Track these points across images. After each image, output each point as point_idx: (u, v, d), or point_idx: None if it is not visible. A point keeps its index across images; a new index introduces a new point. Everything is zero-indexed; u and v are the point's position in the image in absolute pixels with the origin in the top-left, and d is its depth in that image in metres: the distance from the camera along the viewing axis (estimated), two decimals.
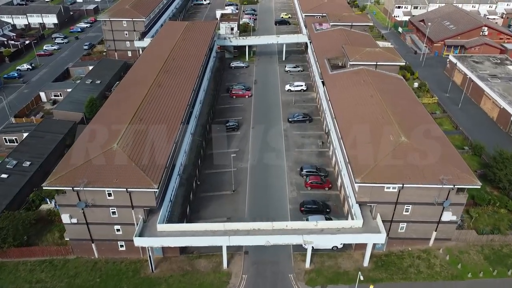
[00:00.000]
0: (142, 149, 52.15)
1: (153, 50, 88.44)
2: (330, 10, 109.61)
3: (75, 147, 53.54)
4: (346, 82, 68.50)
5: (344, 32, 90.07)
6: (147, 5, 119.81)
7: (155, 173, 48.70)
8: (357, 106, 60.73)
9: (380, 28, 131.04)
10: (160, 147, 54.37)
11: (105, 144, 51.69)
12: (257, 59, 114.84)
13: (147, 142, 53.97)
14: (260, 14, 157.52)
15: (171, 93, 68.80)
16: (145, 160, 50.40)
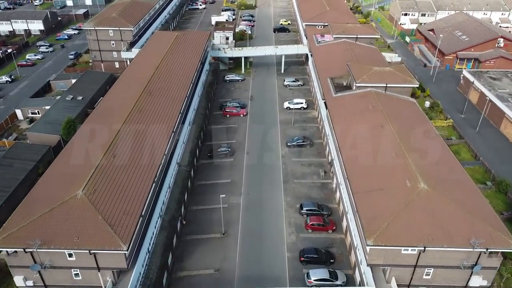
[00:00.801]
0: (113, 195, 44.12)
1: (138, 65, 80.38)
2: (333, 19, 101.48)
3: (34, 192, 45.51)
4: (352, 107, 60.40)
5: (348, 45, 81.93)
6: (136, 13, 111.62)
7: (126, 227, 40.63)
8: (365, 140, 52.63)
9: (385, 37, 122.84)
10: (136, 190, 46.35)
11: (69, 188, 43.67)
12: (254, 71, 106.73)
13: (120, 185, 45.97)
14: (258, 20, 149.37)
15: (154, 119, 60.75)
16: (116, 209, 42.37)
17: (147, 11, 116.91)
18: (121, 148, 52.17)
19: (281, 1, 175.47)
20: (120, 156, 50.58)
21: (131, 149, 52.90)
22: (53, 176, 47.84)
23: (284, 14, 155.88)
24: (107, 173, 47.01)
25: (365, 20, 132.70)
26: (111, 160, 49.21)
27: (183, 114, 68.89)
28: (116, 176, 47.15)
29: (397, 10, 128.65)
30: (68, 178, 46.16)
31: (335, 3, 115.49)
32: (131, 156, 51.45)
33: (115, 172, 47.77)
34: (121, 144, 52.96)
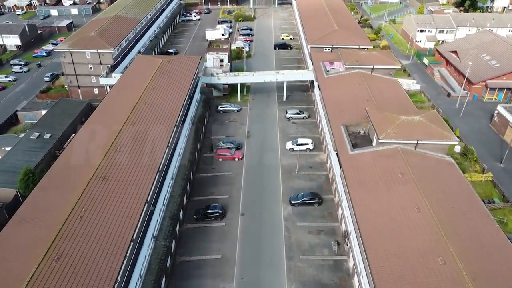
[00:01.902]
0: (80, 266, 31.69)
1: (112, 102, 67.45)
2: (342, 40, 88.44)
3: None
4: (374, 172, 47.31)
5: (363, 78, 68.93)
6: (118, 31, 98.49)
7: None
8: (396, 227, 39.57)
9: (400, 56, 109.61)
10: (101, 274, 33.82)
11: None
12: (252, 98, 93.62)
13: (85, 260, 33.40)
14: (257, 33, 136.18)
15: (124, 182, 47.81)
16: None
17: (132, 28, 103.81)
18: (81, 224, 39.35)
19: (281, 11, 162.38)
20: (86, 222, 38.07)
21: (95, 223, 40.17)
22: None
23: (285, 26, 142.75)
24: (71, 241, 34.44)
25: (375, 36, 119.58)
26: (76, 223, 36.74)
27: (164, 168, 55.93)
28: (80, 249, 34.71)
29: (411, 25, 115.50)
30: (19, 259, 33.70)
31: (343, 20, 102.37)
32: (96, 231, 38.81)
33: (80, 240, 35.46)
34: (85, 214, 40.25)
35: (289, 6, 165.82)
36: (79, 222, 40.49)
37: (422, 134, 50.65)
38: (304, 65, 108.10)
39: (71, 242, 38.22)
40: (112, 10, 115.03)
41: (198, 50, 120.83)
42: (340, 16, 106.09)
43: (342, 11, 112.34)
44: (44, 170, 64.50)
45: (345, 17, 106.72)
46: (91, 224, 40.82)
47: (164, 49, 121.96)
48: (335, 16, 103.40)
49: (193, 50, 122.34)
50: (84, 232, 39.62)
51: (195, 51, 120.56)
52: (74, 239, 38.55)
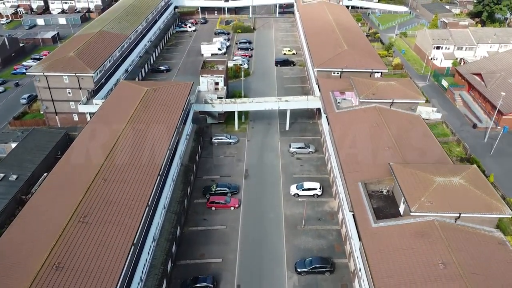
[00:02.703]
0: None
1: (88, 139, 57.01)
2: (352, 63, 78.19)
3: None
4: (406, 259, 36.85)
5: (381, 114, 58.54)
6: (101, 50, 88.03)
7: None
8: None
9: (414, 76, 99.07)
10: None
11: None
12: (251, 126, 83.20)
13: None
14: (257, 47, 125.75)
15: (101, 236, 37.73)
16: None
17: (118, 45, 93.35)
18: None
19: (283, 21, 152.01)
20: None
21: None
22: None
23: (287, 39, 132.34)
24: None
25: (386, 53, 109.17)
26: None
27: (141, 238, 45.51)
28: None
29: (426, 41, 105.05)
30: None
31: (352, 37, 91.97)
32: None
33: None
34: None
35: (291, 15, 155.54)
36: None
37: (465, 205, 40.07)
38: (308, 85, 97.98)
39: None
40: (98, 24, 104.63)
41: (192, 66, 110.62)
42: (349, 32, 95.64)
43: (350, 25, 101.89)
44: (7, 222, 54.84)
45: (354, 33, 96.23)
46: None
47: (155, 66, 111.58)
48: (343, 32, 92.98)
49: (186, 66, 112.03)
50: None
51: (189, 68, 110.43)
52: None
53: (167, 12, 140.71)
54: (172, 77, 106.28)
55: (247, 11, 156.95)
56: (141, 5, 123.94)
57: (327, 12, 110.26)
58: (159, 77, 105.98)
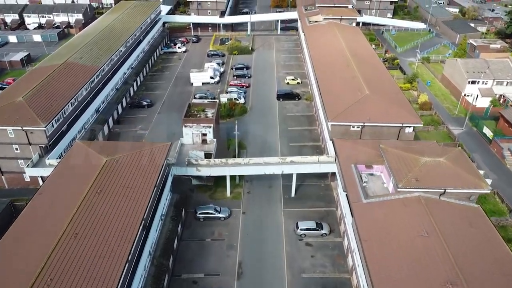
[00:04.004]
0: None
1: (35, 221, 39.89)
2: (377, 114, 61.16)
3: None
4: None
5: (429, 211, 41.18)
6: (62, 91, 70.79)
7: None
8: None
9: (446, 118, 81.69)
10: None
11: None
12: (247, 191, 66.02)
13: None
14: (256, 73, 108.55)
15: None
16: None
17: (86, 81, 76.16)
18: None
19: (285, 39, 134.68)
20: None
21: None
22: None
23: (290, 62, 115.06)
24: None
25: (409, 86, 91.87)
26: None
27: None
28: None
29: (458, 73, 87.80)
30: None
31: (373, 74, 74.76)
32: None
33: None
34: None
35: (294, 32, 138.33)
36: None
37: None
38: (318, 128, 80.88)
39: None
40: (66, 52, 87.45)
41: (179, 99, 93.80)
42: (367, 65, 78.44)
43: (367, 55, 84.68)
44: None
45: (373, 67, 78.97)
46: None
47: (135, 100, 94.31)
48: (361, 67, 75.77)
49: (172, 100, 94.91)
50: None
51: (175, 101, 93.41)
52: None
53: (154, 29, 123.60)
54: (155, 114, 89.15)
55: (245, 27, 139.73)
56: (122, 25, 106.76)
57: (339, 36, 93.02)
58: (139, 115, 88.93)
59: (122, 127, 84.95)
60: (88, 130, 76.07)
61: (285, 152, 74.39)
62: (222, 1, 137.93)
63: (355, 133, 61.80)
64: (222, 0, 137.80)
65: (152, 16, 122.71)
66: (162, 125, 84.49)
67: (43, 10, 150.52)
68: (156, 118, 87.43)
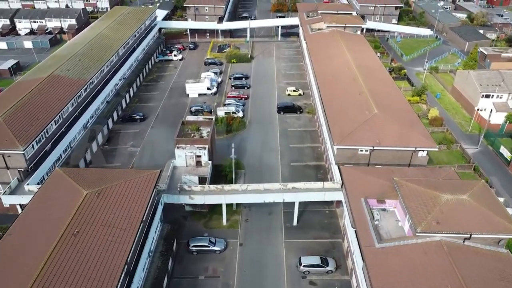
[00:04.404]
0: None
1: None
2: (387, 137, 55.84)
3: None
4: None
5: (452, 260, 35.86)
6: (45, 108, 65.44)
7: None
8: None
9: (458, 135, 76.30)
10: None
11: None
12: (245, 218, 60.69)
13: None
14: (255, 83, 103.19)
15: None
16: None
17: (72, 96, 70.85)
18: None
19: (286, 46, 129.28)
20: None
21: None
22: None
23: (291, 72, 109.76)
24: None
25: (418, 99, 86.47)
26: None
27: None
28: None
29: (470, 85, 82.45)
30: None
31: (382, 90, 69.45)
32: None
33: None
34: None
35: (295, 38, 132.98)
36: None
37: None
38: (321, 146, 75.59)
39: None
40: (53, 63, 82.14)
41: (174, 112, 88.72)
42: (375, 79, 73.16)
43: (374, 68, 79.35)
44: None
45: (382, 82, 73.61)
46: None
47: (127, 113, 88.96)
48: (368, 81, 70.53)
49: (167, 112, 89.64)
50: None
51: (169, 114, 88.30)
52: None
53: (149, 36, 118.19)
54: (148, 128, 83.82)
55: (244, 32, 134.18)
56: (114, 33, 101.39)
57: (343, 46, 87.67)
58: (131, 129, 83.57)
59: (112, 143, 79.67)
60: (75, 148, 70.79)
61: (286, 173, 69.11)
62: (220, 6, 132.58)
63: (363, 157, 56.45)
64: (220, 6, 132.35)
65: (147, 22, 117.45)
66: (155, 141, 79.25)
67: (35, 15, 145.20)
68: (149, 134, 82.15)
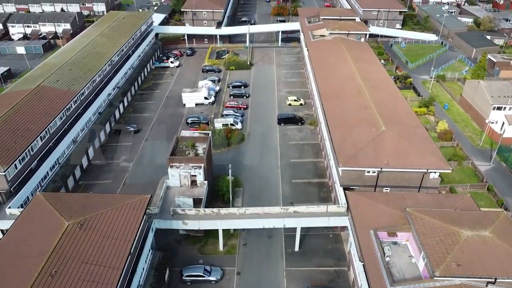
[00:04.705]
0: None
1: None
2: (396, 157, 51.84)
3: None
4: None
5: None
6: (29, 124, 61.41)
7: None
8: None
9: (469, 150, 72.27)
10: None
11: None
12: (243, 243, 56.58)
13: None
14: (255, 92, 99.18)
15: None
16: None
17: (61, 109, 66.88)
18: None
19: (286, 52, 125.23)
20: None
21: None
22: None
23: (292, 79, 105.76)
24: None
25: (425, 111, 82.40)
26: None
27: None
28: None
29: (480, 96, 78.39)
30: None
31: (388, 104, 65.47)
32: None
33: None
34: None
35: (296, 44, 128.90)
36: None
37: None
38: (323, 159, 71.70)
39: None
40: (42, 73, 78.22)
41: (170, 123, 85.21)
42: (381, 92, 69.17)
43: (380, 79, 75.31)
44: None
45: (388, 94, 69.61)
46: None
47: (121, 124, 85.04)
48: (375, 94, 66.59)
49: (162, 124, 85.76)
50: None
51: (164, 126, 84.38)
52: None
53: (145, 42, 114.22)
54: (141, 141, 79.88)
55: (243, 37, 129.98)
56: (107, 40, 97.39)
57: (346, 55, 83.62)
58: (124, 142, 79.66)
59: (104, 157, 75.65)
60: (63, 164, 66.79)
61: (287, 191, 65.13)
62: (219, 11, 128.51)
63: (371, 179, 52.40)
64: (218, 10, 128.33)
65: (143, 28, 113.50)
66: (149, 155, 75.33)
67: (29, 20, 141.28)
68: (142, 147, 78.20)
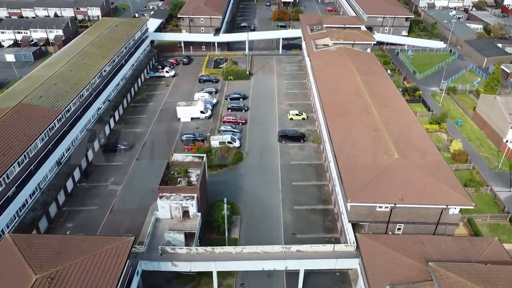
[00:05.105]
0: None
1: None
2: (411, 191, 46.24)
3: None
4: None
5: None
6: (3, 151, 55.87)
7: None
8: None
9: (486, 174, 66.58)
10: None
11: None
12: (240, 283, 50.91)
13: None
14: (254, 105, 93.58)
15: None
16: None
17: (44, 129, 61.37)
18: None
19: (287, 60, 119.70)
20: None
21: None
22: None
23: (294, 91, 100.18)
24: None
25: (437, 127, 76.81)
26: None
27: None
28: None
29: (497, 112, 72.80)
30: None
31: (401, 124, 59.84)
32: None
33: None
34: None
35: (297, 51, 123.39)
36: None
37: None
38: (327, 181, 66.26)
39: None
40: (24, 88, 72.70)
41: (163, 140, 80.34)
42: (390, 109, 63.70)
43: (389, 96, 69.75)
44: None
45: (398, 111, 64.11)
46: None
47: (111, 141, 79.66)
48: (385, 114, 61.03)
49: (155, 141, 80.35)
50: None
51: (158, 143, 79.03)
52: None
53: (139, 50, 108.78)
54: (132, 160, 74.42)
55: (243, 44, 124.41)
56: (98, 50, 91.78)
57: (352, 67, 78.03)
58: (113, 162, 74.19)
59: (91, 179, 70.18)
60: (45, 190, 61.37)
61: (289, 220, 59.66)
62: (217, 17, 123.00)
63: (382, 215, 46.86)
64: (217, 16, 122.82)
65: (136, 35, 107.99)
66: (139, 177, 69.82)
67: (19, 26, 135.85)
68: (133, 167, 72.73)
